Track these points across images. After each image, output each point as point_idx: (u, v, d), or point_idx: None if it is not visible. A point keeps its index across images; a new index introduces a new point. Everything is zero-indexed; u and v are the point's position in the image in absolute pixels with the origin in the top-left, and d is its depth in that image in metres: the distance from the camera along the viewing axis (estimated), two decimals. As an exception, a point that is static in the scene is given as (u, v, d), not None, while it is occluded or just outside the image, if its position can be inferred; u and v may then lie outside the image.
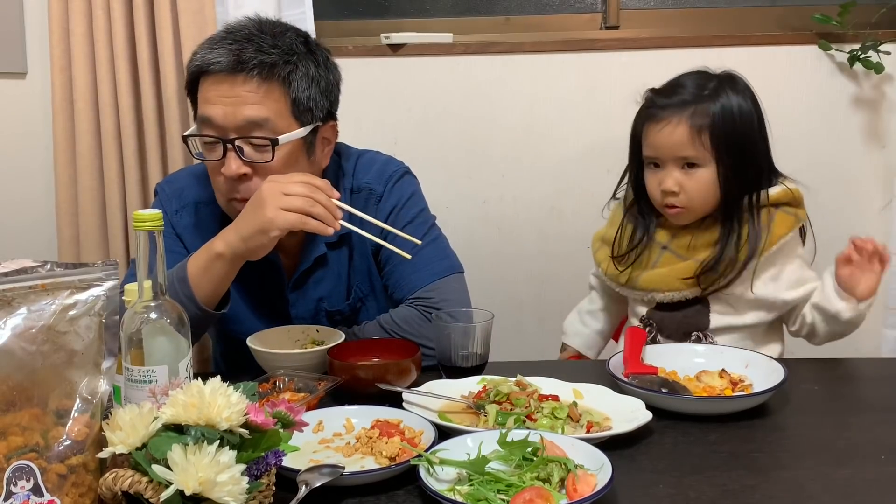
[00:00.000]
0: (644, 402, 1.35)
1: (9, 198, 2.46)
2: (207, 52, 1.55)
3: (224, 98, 1.54)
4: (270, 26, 1.60)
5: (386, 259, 1.69)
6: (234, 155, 1.54)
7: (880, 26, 2.32)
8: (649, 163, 1.72)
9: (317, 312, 1.72)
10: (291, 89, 1.57)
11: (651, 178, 1.72)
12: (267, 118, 1.54)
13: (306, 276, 1.70)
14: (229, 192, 1.58)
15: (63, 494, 0.95)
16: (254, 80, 1.53)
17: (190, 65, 1.60)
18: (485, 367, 1.52)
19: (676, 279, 1.70)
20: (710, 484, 1.14)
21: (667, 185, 1.68)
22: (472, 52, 2.39)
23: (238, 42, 1.54)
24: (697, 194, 1.68)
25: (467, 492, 1.07)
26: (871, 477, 1.17)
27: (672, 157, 1.68)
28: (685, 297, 1.70)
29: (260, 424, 0.97)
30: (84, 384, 0.99)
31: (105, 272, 1.02)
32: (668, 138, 1.67)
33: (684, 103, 1.67)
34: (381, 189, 1.69)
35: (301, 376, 1.45)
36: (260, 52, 1.54)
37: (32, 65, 2.40)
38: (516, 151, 2.43)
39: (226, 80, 1.54)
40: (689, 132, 1.65)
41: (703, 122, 1.65)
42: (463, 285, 1.71)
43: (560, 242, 2.47)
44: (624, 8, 2.50)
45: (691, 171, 1.67)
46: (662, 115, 1.68)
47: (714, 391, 1.46)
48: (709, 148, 1.66)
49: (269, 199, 1.44)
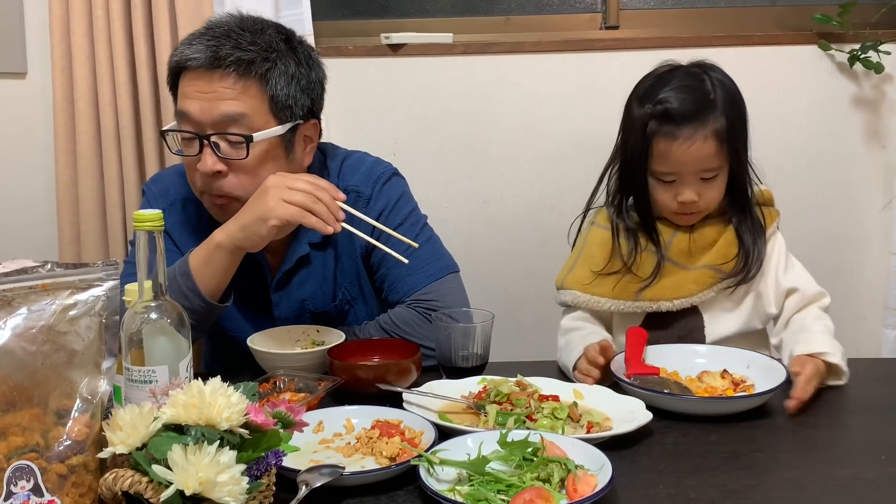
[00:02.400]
0: (646, 402, 1.35)
1: (9, 198, 2.45)
2: (186, 47, 1.56)
3: (201, 94, 1.54)
4: (251, 23, 1.60)
5: (379, 262, 1.69)
6: (209, 151, 1.55)
7: (880, 26, 2.32)
8: (660, 178, 1.66)
9: (301, 313, 1.71)
10: (269, 86, 1.56)
11: (663, 192, 1.66)
12: (243, 114, 1.54)
13: (290, 276, 1.70)
14: (203, 187, 1.59)
15: (63, 494, 0.95)
16: (230, 77, 1.53)
17: (170, 60, 1.60)
18: (485, 368, 1.52)
19: (693, 283, 1.67)
20: (711, 484, 1.14)
21: (687, 197, 1.63)
22: (472, 52, 2.39)
23: (216, 38, 1.55)
24: (714, 200, 1.66)
25: (467, 492, 1.07)
26: (871, 477, 1.17)
27: (694, 171, 1.62)
28: (695, 302, 1.67)
29: (260, 424, 0.97)
30: (84, 384, 0.99)
31: (105, 272, 1.03)
32: (696, 154, 1.60)
33: (702, 113, 1.61)
34: (370, 191, 1.68)
35: (301, 376, 1.45)
36: (237, 49, 1.54)
37: (32, 65, 2.40)
38: (516, 151, 2.43)
39: (203, 75, 1.54)
40: (716, 145, 1.61)
41: (722, 128, 1.61)
42: (460, 284, 1.71)
43: (560, 242, 2.45)
44: (624, 8, 2.49)
45: (709, 181, 1.64)
46: (684, 132, 1.60)
47: (716, 392, 1.46)
48: (727, 152, 1.62)
49: (273, 191, 1.47)
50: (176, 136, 1.60)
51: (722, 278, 1.67)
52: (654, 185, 1.67)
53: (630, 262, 1.69)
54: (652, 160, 1.65)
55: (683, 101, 1.62)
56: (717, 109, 1.62)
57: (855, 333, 1.74)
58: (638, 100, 1.69)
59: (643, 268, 1.69)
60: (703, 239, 1.69)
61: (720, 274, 1.67)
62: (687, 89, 1.64)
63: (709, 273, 1.67)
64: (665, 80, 1.67)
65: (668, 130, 1.61)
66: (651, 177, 1.67)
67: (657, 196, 1.68)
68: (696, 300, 1.67)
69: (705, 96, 1.63)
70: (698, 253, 1.69)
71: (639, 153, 1.66)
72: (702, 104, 1.62)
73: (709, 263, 1.67)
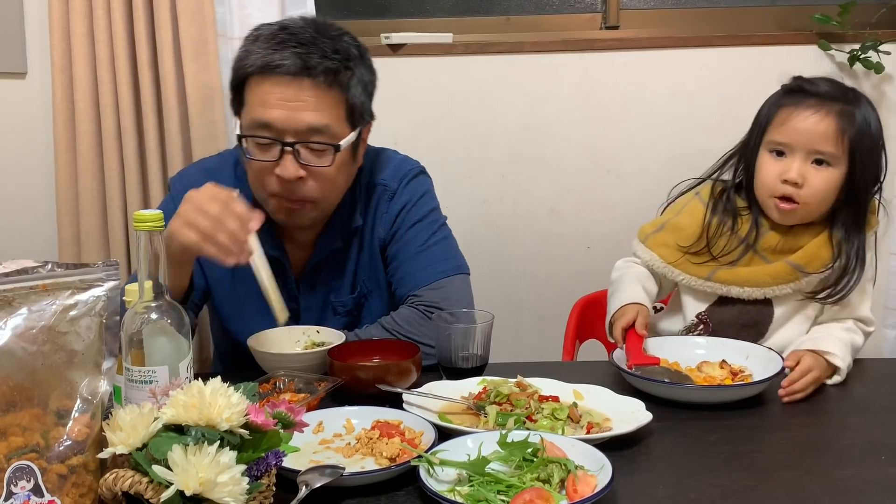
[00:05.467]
0: (647, 392, 1.37)
1: (9, 198, 2.45)
2: (270, 52, 1.53)
3: (286, 102, 1.52)
4: (327, 29, 1.59)
5: (394, 254, 1.70)
6: (291, 158, 1.54)
7: (880, 26, 2.32)
8: (773, 149, 1.64)
9: (325, 305, 1.72)
10: (349, 95, 1.57)
11: (771, 165, 1.63)
12: (327, 125, 1.54)
13: (318, 268, 1.71)
14: (279, 191, 1.57)
15: (63, 495, 0.95)
16: (318, 86, 1.53)
17: (244, 61, 1.56)
18: (485, 368, 1.52)
19: (769, 276, 1.65)
20: (710, 484, 1.14)
21: (791, 175, 1.60)
22: (472, 52, 2.39)
23: (303, 45, 1.53)
24: (818, 193, 1.61)
25: (467, 492, 1.07)
26: (871, 477, 1.17)
27: (806, 148, 1.60)
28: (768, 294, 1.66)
29: (260, 425, 0.97)
30: (84, 384, 0.99)
31: (106, 272, 1.02)
32: (814, 126, 1.59)
33: (833, 98, 1.61)
34: (396, 185, 1.71)
35: (301, 377, 1.45)
36: (325, 58, 1.53)
37: (32, 65, 2.40)
38: (516, 152, 2.43)
39: (291, 83, 1.52)
40: (836, 127, 1.59)
41: (848, 123, 1.60)
42: (467, 286, 1.71)
43: (560, 243, 2.47)
44: (624, 8, 2.49)
45: (819, 167, 1.61)
46: (810, 103, 1.61)
47: (714, 381, 1.49)
48: (846, 150, 1.60)
49: (182, 211, 1.41)
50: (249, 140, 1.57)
51: (803, 280, 1.64)
52: (765, 159, 1.66)
53: (713, 241, 1.67)
54: (770, 129, 1.65)
55: (820, 83, 1.64)
56: (850, 106, 1.61)
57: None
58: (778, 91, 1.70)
59: (727, 251, 1.67)
60: (795, 240, 1.66)
61: (800, 273, 1.64)
62: (828, 81, 1.65)
63: (787, 269, 1.64)
64: (812, 77, 1.68)
65: (794, 101, 1.63)
66: (764, 149, 1.66)
67: (764, 170, 1.65)
68: (770, 293, 1.66)
69: (844, 94, 1.63)
70: (786, 252, 1.66)
71: (762, 122, 1.67)
72: (836, 93, 1.62)
73: (793, 261, 1.65)
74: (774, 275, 1.65)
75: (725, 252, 1.67)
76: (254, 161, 1.57)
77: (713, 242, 1.68)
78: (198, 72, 2.24)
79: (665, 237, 1.74)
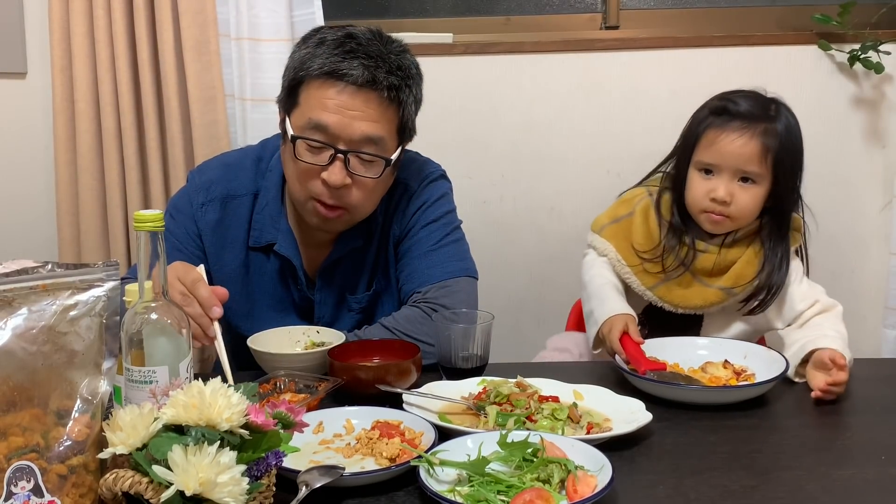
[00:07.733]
0: (650, 393, 1.39)
1: (9, 198, 2.46)
2: (339, 59, 1.54)
3: (346, 110, 1.54)
4: (392, 45, 1.60)
5: (404, 252, 1.72)
6: (340, 165, 1.55)
7: (880, 26, 2.32)
8: (702, 168, 1.70)
9: (340, 302, 1.73)
10: (403, 112, 1.59)
11: (700, 184, 1.70)
12: (382, 137, 1.56)
13: (336, 265, 1.71)
14: (320, 195, 1.58)
15: (63, 495, 0.95)
16: (382, 101, 1.55)
17: (307, 63, 1.56)
18: (485, 369, 1.52)
19: (701, 299, 1.71)
20: (710, 485, 1.14)
21: (719, 195, 1.66)
22: (472, 52, 2.39)
23: (371, 58, 1.54)
24: (746, 209, 1.68)
25: (467, 493, 1.07)
26: (871, 477, 1.17)
27: (733, 168, 1.66)
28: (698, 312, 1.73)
29: (260, 425, 0.97)
30: (85, 384, 0.99)
31: (106, 273, 1.03)
32: (739, 149, 1.65)
33: (756, 118, 1.66)
34: (416, 186, 1.72)
35: (301, 377, 1.45)
36: (390, 74, 1.55)
37: (32, 65, 2.40)
38: (516, 151, 2.43)
39: (356, 93, 1.54)
40: (760, 149, 1.65)
41: (772, 142, 1.65)
42: (473, 289, 1.72)
43: (560, 243, 2.47)
44: (624, 8, 2.50)
45: (745, 185, 1.67)
46: (734, 126, 1.66)
47: (720, 381, 1.51)
48: (770, 168, 1.66)
49: None
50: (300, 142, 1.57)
51: (731, 299, 1.70)
52: (694, 176, 1.71)
53: (666, 255, 1.72)
54: (698, 149, 1.70)
55: (743, 103, 1.68)
56: (773, 124, 1.66)
57: (855, 333, 1.74)
58: (705, 105, 1.74)
59: (673, 267, 1.72)
60: (726, 260, 1.71)
61: (730, 296, 1.70)
62: (751, 98, 1.70)
63: (719, 294, 1.70)
64: (734, 92, 1.73)
65: (720, 122, 1.68)
66: (694, 167, 1.71)
67: (693, 188, 1.71)
68: (700, 311, 1.73)
69: (766, 110, 1.68)
70: (719, 273, 1.71)
71: (690, 142, 1.72)
72: (760, 112, 1.67)
73: (722, 286, 1.70)
74: (706, 298, 1.71)
75: (672, 268, 1.72)
76: (301, 162, 1.58)
77: (665, 256, 1.73)
78: (200, 72, 2.24)
79: (618, 231, 1.79)
